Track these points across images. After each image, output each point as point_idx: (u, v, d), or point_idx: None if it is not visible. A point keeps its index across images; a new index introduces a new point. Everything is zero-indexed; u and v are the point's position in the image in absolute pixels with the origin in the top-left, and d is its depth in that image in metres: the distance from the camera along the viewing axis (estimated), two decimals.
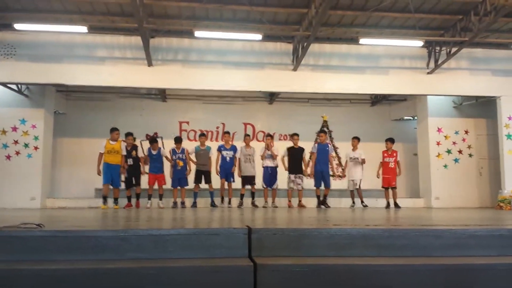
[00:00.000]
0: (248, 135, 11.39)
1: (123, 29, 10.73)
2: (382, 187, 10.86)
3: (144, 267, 3.10)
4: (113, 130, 9.86)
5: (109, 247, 3.27)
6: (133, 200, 10.06)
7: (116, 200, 9.85)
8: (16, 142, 11.20)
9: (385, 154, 10.84)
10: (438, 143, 12.34)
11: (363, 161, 10.67)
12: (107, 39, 10.98)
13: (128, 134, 10.01)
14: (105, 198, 9.67)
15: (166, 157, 10.34)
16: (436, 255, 3.51)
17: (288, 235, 3.51)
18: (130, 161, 9.79)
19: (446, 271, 3.29)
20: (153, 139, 10.61)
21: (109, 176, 9.67)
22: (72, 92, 12.81)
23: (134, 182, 10.01)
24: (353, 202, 10.78)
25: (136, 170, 9.99)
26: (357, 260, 3.36)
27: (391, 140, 10.89)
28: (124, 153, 9.80)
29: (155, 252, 3.29)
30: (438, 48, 11.43)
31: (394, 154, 10.82)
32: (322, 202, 10.42)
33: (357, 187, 10.64)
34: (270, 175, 10.50)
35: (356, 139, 10.89)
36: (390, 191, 10.78)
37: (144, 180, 10.29)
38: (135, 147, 10.02)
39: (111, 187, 9.78)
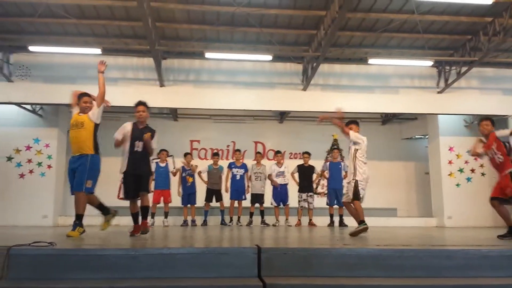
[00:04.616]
0: (260, 153, 11.47)
1: (136, 51, 10.97)
2: (494, 198, 6.01)
3: (154, 286, 3.12)
4: (81, 96, 5.72)
5: (120, 266, 3.29)
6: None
7: (79, 221, 5.48)
8: (29, 161, 11.38)
9: (485, 147, 6.24)
10: (450, 162, 12.24)
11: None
12: (120, 60, 11.19)
13: (136, 105, 5.94)
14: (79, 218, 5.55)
15: (172, 172, 10.16)
16: (448, 276, 3.48)
17: (298, 255, 3.51)
18: (138, 146, 5.66)
19: None
20: (163, 149, 10.11)
21: (72, 177, 5.65)
22: None
23: (139, 186, 5.71)
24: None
25: (143, 161, 5.75)
26: (367, 280, 3.34)
27: (491, 121, 6.41)
28: (96, 121, 5.71)
29: (165, 271, 3.31)
30: (448, 67, 11.45)
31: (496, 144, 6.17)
32: (340, 223, 10.23)
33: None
34: (280, 192, 10.47)
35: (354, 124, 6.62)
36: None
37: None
38: (149, 129, 5.80)
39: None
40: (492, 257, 3.62)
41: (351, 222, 10.46)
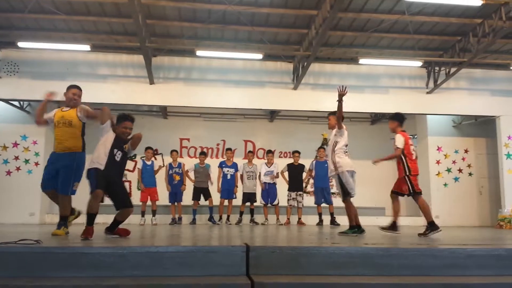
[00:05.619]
0: (251, 152, 11.47)
1: (126, 48, 10.89)
2: (397, 193, 7.04)
3: (142, 284, 3.10)
4: (70, 88, 5.62)
5: (107, 264, 3.27)
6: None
7: (64, 222, 5.33)
8: (16, 158, 11.24)
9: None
10: (438, 162, 12.35)
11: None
12: (109, 57, 11.11)
13: (124, 118, 5.20)
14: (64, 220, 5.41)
15: (156, 170, 10.08)
16: (434, 274, 3.51)
17: (286, 253, 3.51)
18: (117, 155, 5.05)
19: None
20: (148, 147, 10.14)
21: (52, 175, 5.49)
22: None
23: (114, 196, 5.08)
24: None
25: (118, 170, 5.13)
26: (355, 279, 3.36)
27: (394, 118, 7.20)
28: (83, 120, 5.39)
29: (152, 269, 3.29)
30: (437, 68, 11.54)
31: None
32: (331, 221, 10.25)
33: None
34: (268, 191, 10.49)
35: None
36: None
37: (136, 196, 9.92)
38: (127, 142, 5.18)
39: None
40: (478, 256, 3.67)
41: (342, 220, 10.56)
